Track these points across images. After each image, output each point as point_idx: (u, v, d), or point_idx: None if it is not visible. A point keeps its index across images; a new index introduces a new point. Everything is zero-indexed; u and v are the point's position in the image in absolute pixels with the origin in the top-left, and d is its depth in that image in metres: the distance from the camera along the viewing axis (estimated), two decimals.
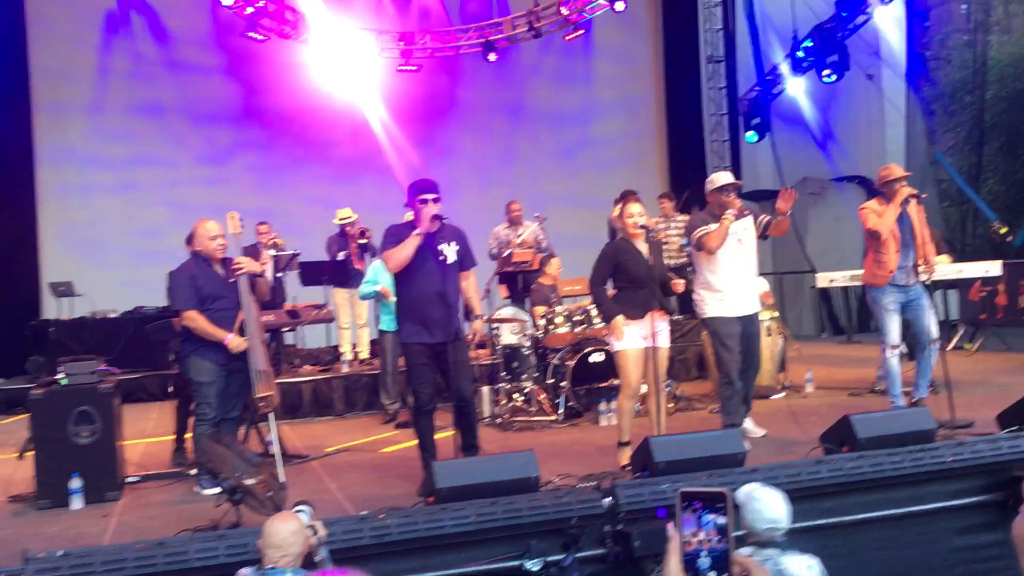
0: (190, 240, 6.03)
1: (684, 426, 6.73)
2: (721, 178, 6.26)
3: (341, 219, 9.95)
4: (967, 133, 15.70)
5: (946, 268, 8.61)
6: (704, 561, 1.86)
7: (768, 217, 6.24)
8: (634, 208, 5.74)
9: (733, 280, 6.11)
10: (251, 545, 3.64)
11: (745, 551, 3.44)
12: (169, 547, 3.82)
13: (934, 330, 6.46)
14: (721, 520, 1.85)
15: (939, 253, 8.44)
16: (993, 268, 9.41)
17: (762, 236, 6.28)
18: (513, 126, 14.28)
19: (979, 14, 15.70)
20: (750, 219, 6.23)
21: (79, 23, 12.45)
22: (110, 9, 12.59)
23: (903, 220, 6.46)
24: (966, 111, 15.94)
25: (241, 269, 5.67)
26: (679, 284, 5.78)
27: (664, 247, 9.88)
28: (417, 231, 5.31)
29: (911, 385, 6.72)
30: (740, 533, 3.49)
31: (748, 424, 6.33)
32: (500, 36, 13.23)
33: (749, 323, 6.19)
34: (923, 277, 6.43)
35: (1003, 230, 12.02)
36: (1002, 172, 16.11)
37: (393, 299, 6.21)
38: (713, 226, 6.05)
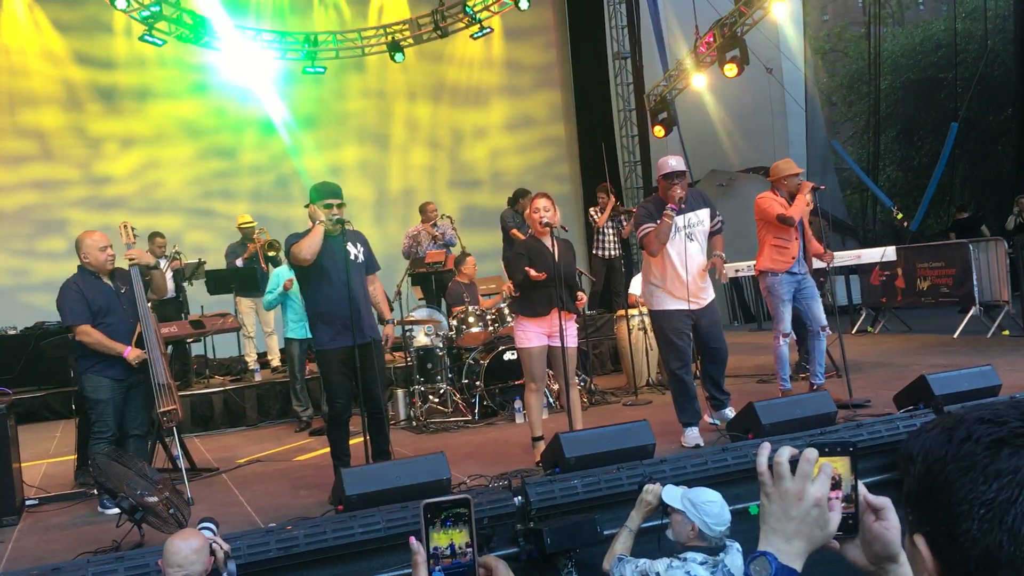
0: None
1: (599, 420, 6.77)
2: (669, 164, 5.90)
3: (242, 224, 9.85)
4: (865, 122, 16.22)
5: (841, 255, 8.97)
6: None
7: (721, 220, 6.07)
8: (541, 203, 5.60)
9: (682, 271, 5.81)
10: (152, 565, 3.55)
11: (701, 569, 3.26)
12: (65, 572, 3.69)
13: (822, 317, 6.64)
14: (465, 529, 1.73)
15: (820, 242, 8.74)
16: (889, 253, 9.75)
17: (712, 234, 6.06)
18: (423, 128, 14.19)
19: (873, 7, 16.20)
20: (706, 212, 5.96)
21: None
22: None
23: None
24: (863, 101, 16.47)
25: (133, 260, 5.52)
26: (582, 300, 5.76)
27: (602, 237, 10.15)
28: (320, 220, 5.27)
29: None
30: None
31: (729, 413, 6.01)
32: (406, 36, 13.13)
33: (707, 313, 5.96)
34: (820, 265, 6.68)
35: (899, 215, 12.48)
36: (899, 159, 16.70)
37: (297, 293, 6.18)
38: (651, 226, 5.80)
